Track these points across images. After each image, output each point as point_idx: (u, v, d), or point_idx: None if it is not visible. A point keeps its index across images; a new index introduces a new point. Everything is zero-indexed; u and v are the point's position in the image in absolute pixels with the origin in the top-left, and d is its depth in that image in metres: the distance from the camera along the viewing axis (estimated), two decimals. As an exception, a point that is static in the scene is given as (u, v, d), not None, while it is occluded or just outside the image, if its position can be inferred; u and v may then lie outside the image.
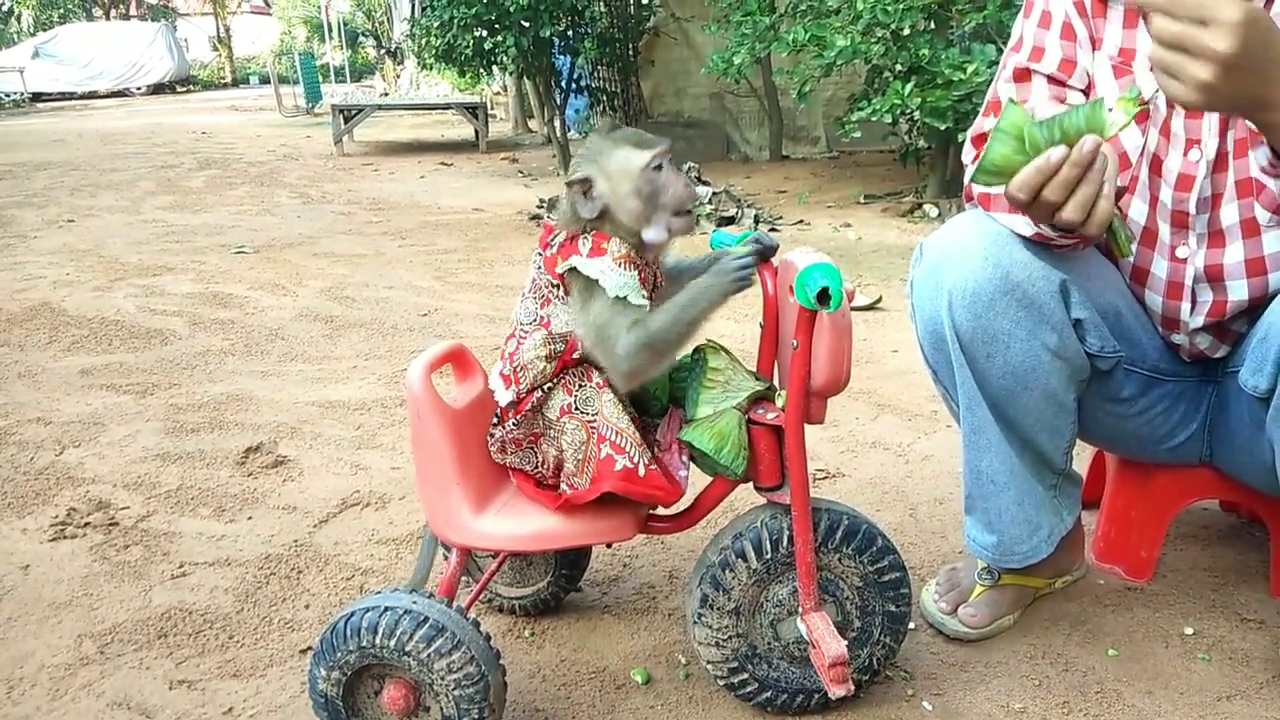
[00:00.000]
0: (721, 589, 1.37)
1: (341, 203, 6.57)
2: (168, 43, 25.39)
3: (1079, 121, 1.13)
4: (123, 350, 3.30)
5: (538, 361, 1.31)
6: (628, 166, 1.27)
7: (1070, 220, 1.17)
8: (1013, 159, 1.15)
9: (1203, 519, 1.95)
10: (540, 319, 1.33)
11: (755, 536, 1.36)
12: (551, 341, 1.31)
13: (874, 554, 1.38)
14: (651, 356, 1.27)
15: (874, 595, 1.40)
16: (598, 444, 1.32)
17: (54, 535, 2.03)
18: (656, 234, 1.29)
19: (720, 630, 1.38)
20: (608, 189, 1.27)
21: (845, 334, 1.26)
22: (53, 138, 12.11)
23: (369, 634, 1.28)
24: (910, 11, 4.69)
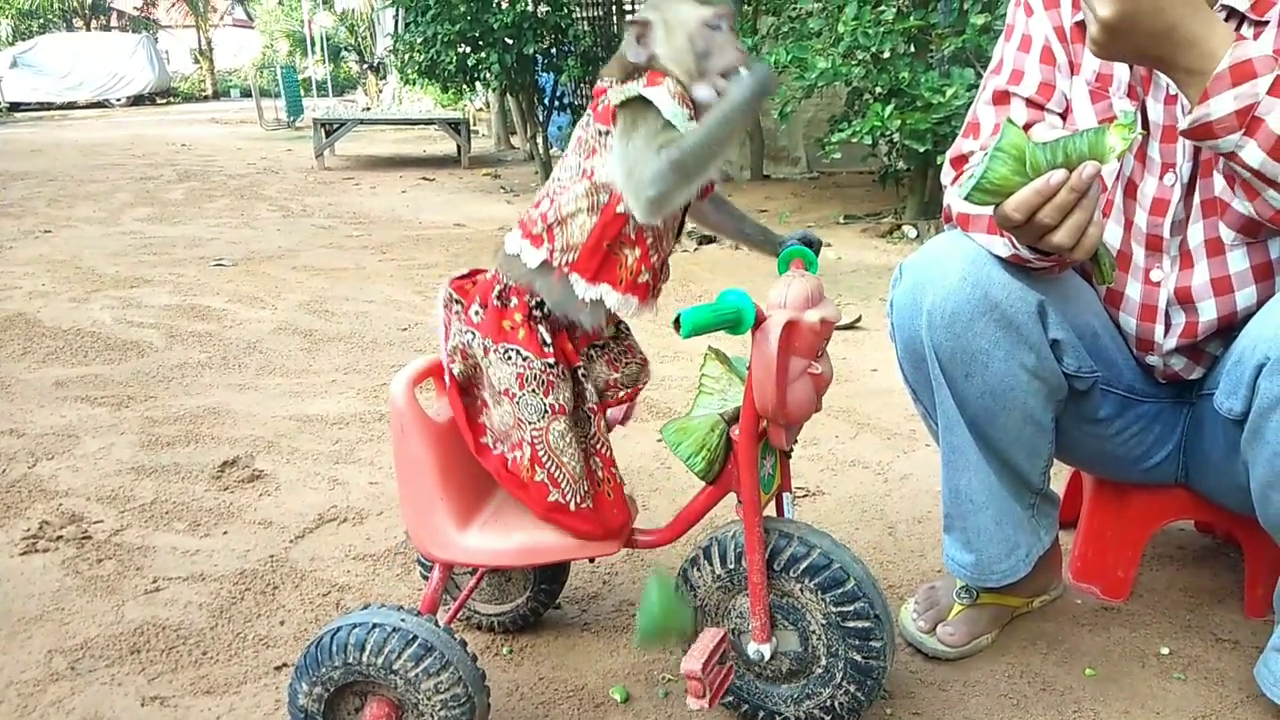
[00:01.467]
0: (689, 584, 1.40)
1: (322, 216, 6.55)
2: (149, 54, 25.31)
3: (1082, 146, 1.14)
4: (99, 362, 3.27)
5: (579, 214, 1.25)
6: (687, 18, 1.25)
7: (1061, 244, 1.18)
8: (1011, 179, 1.16)
9: (1179, 539, 1.97)
10: (584, 171, 1.27)
11: (723, 543, 1.36)
12: (595, 191, 1.25)
13: (840, 595, 1.31)
14: (679, 179, 1.20)
15: (837, 638, 1.33)
16: (532, 463, 1.30)
17: (25, 549, 2.00)
18: (704, 93, 1.26)
19: None
20: (663, 36, 1.25)
21: (765, 367, 1.21)
22: (30, 148, 12.02)
23: (356, 650, 1.26)
24: (890, 35, 4.74)
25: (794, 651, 1.36)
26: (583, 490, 1.32)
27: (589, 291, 1.26)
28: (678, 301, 3.85)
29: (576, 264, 1.26)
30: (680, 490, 2.23)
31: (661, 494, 2.24)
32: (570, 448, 1.30)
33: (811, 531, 1.36)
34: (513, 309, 1.29)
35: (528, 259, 1.28)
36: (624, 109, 1.24)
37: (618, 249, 1.26)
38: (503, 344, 1.28)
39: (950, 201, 1.47)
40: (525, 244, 1.28)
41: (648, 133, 1.21)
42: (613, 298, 1.27)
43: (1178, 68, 1.17)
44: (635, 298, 1.28)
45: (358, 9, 24.27)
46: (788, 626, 1.36)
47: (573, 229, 1.25)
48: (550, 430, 1.29)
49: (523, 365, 1.27)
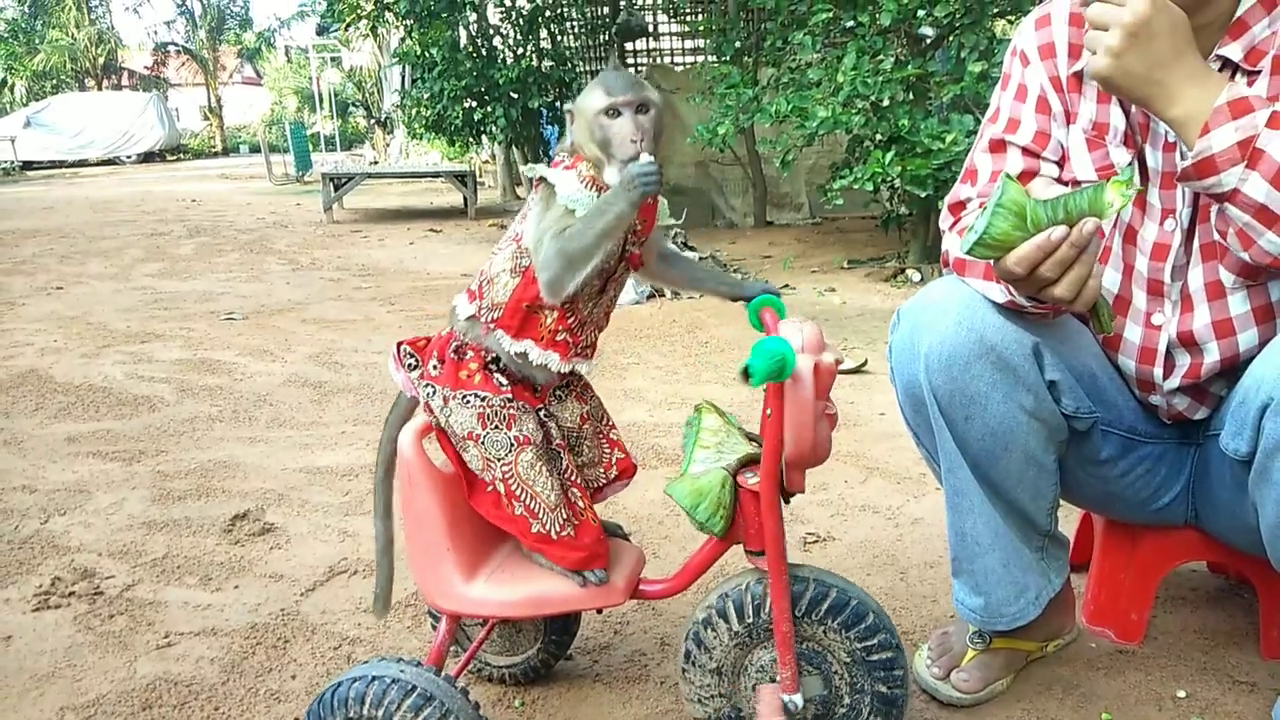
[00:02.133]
0: (703, 647, 1.37)
1: (331, 269, 6.61)
2: (158, 112, 25.69)
3: (1082, 203, 1.17)
4: (110, 417, 3.29)
5: (503, 274, 1.34)
6: (588, 107, 1.31)
7: (1060, 297, 1.22)
8: (1012, 235, 1.19)
9: (1191, 581, 1.96)
10: (515, 235, 1.35)
11: (738, 598, 1.36)
12: (519, 255, 1.33)
13: (863, 630, 1.34)
14: (566, 266, 1.28)
15: (862, 673, 1.36)
16: (509, 498, 1.34)
17: (38, 605, 2.00)
18: (612, 177, 1.31)
19: (703, 688, 1.38)
20: (576, 125, 1.33)
21: (805, 409, 1.23)
22: (43, 205, 12.18)
23: (356, 704, 1.28)
24: (889, 84, 4.82)
25: (818, 696, 1.36)
26: (561, 518, 1.36)
27: (514, 346, 1.34)
28: (685, 349, 3.87)
29: (500, 320, 1.34)
30: (690, 537, 2.23)
31: (671, 541, 2.23)
32: (541, 477, 1.34)
33: (822, 573, 1.38)
34: (468, 360, 1.36)
35: (460, 310, 1.37)
36: (542, 185, 1.33)
37: (536, 309, 1.34)
38: (460, 390, 1.34)
39: (948, 247, 1.49)
40: (463, 297, 1.38)
41: (553, 215, 1.30)
42: (535, 353, 1.35)
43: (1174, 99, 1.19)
44: (556, 353, 1.36)
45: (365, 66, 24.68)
46: (810, 671, 1.37)
47: (497, 288, 1.34)
48: (519, 463, 1.33)
49: (481, 405, 1.33)
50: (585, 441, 1.48)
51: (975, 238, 1.20)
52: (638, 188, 1.25)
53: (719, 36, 6.90)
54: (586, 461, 1.48)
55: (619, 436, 1.53)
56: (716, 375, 3.62)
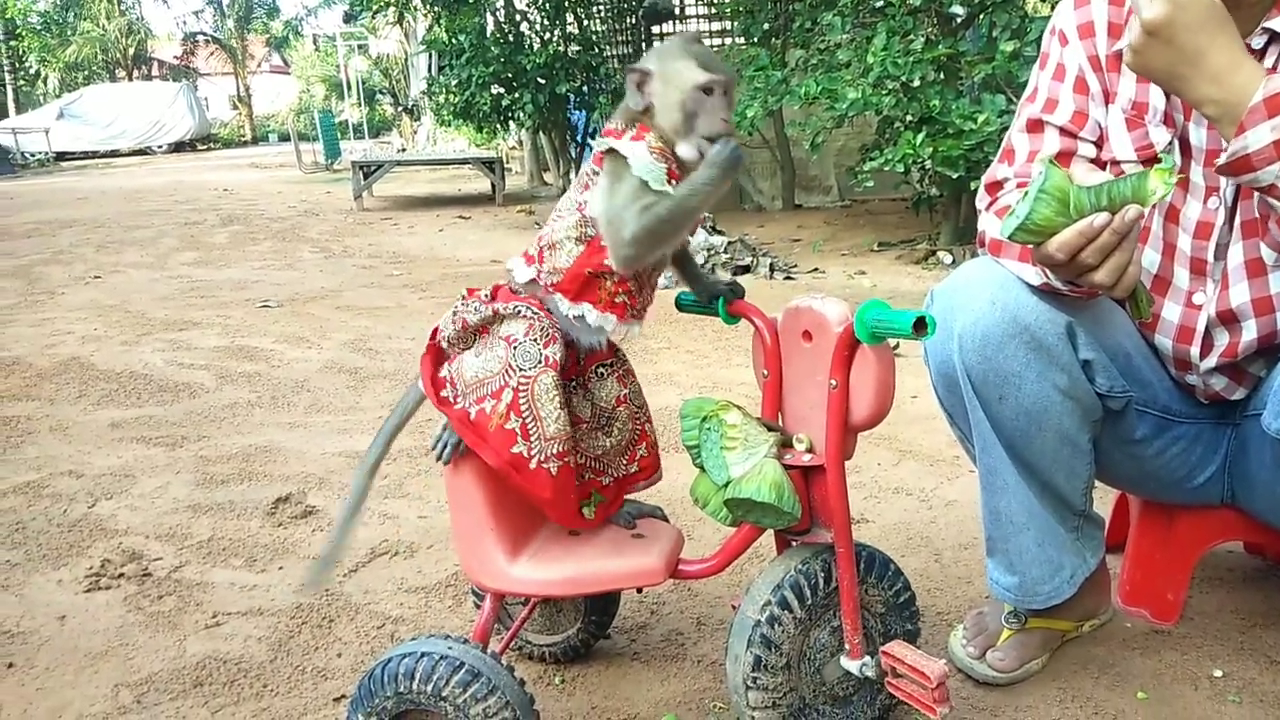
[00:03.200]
0: (773, 647, 1.34)
1: (362, 256, 6.67)
2: (189, 102, 25.96)
3: (1125, 190, 1.18)
4: (152, 403, 3.36)
5: (567, 241, 1.35)
6: (681, 78, 1.31)
7: (1100, 283, 1.22)
8: (1054, 220, 1.20)
9: (1228, 561, 1.96)
10: (578, 204, 1.36)
11: (795, 584, 1.36)
12: (584, 225, 1.34)
13: (890, 578, 1.43)
14: (653, 241, 1.30)
15: (894, 618, 1.45)
16: (509, 409, 1.32)
17: (89, 586, 2.06)
18: (687, 151, 1.32)
19: (776, 690, 1.36)
20: (659, 90, 1.32)
21: (890, 365, 1.30)
22: (77, 196, 12.35)
23: (406, 679, 1.30)
24: (920, 64, 4.78)
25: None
26: (550, 451, 1.33)
27: (571, 309, 1.36)
28: (715, 333, 3.87)
29: (559, 285, 1.36)
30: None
31: (706, 523, 2.26)
32: (551, 404, 1.33)
33: None
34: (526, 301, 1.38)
35: (518, 275, 1.39)
36: (609, 156, 1.33)
37: (598, 275, 1.35)
38: (514, 303, 1.36)
39: (984, 227, 1.50)
40: (520, 262, 1.40)
41: (627, 188, 1.30)
42: (593, 315, 1.36)
43: (1199, 96, 1.20)
44: (614, 315, 1.37)
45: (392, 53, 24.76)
46: None
47: (560, 255, 1.35)
48: (537, 381, 1.32)
49: (532, 317, 1.35)
50: (616, 424, 1.48)
51: (1017, 223, 1.21)
52: (730, 168, 1.28)
53: (747, 18, 6.87)
54: (613, 445, 1.48)
55: (652, 432, 1.53)
56: (746, 359, 3.63)
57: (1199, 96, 1.21)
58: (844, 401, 1.29)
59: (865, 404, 1.29)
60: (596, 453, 1.48)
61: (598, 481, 1.48)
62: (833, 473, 1.32)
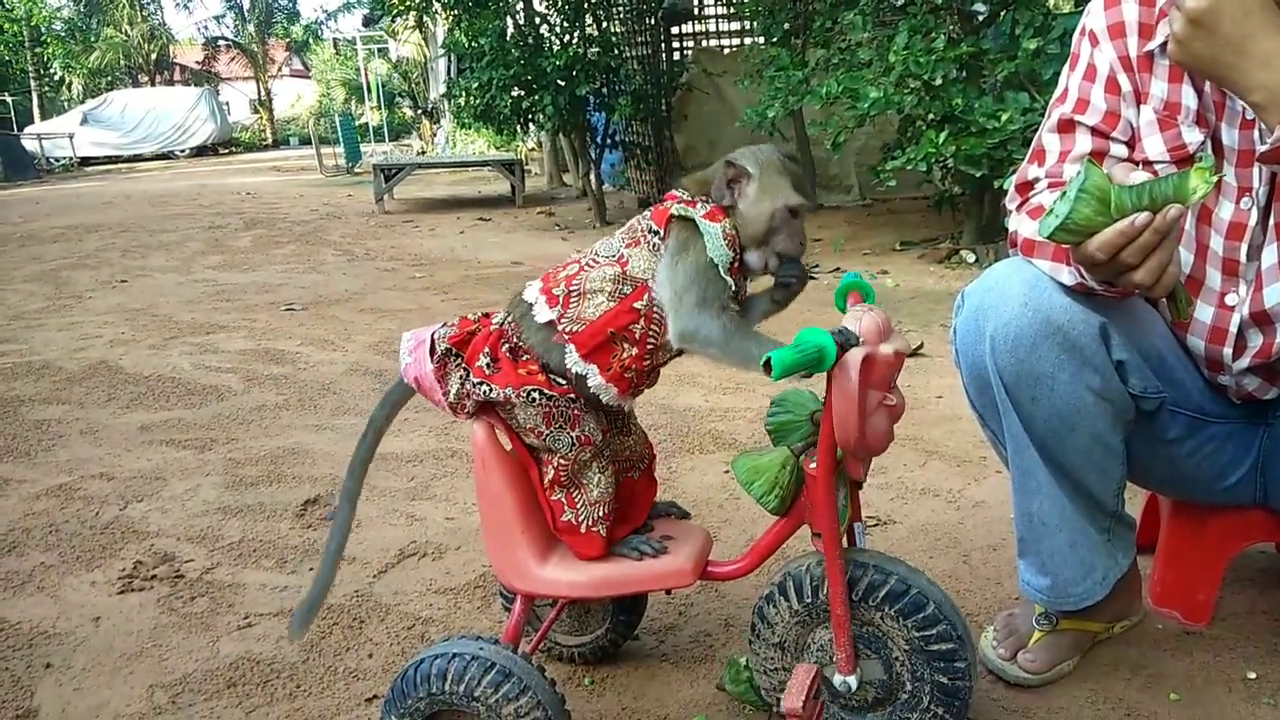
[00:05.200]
0: (766, 622, 1.41)
1: (385, 259, 6.71)
2: (210, 106, 26.13)
3: (1166, 190, 1.17)
4: (180, 406, 3.39)
5: (599, 294, 1.33)
6: (778, 193, 1.33)
7: (1140, 283, 1.22)
8: (1095, 220, 1.19)
9: (1260, 563, 1.94)
10: (620, 257, 1.35)
11: (798, 578, 1.38)
12: (622, 280, 1.33)
13: (921, 620, 1.33)
14: (710, 352, 1.31)
15: (921, 663, 1.35)
16: (553, 483, 1.38)
17: (122, 588, 2.09)
18: (756, 260, 1.35)
19: (767, 660, 1.43)
20: (753, 195, 1.34)
21: (848, 400, 1.22)
22: (102, 200, 12.48)
23: (438, 680, 1.32)
24: (942, 62, 4.76)
25: (878, 680, 1.38)
26: (597, 515, 1.39)
27: (577, 365, 1.34)
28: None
29: (577, 336, 1.34)
30: (750, 521, 2.25)
31: (732, 525, 2.26)
32: (592, 473, 1.38)
33: (886, 559, 1.38)
34: (525, 362, 1.37)
35: (538, 314, 1.36)
36: (678, 223, 1.33)
37: (618, 340, 1.34)
38: (524, 387, 1.34)
39: (1016, 227, 1.49)
40: (541, 300, 1.37)
41: (695, 263, 1.30)
42: (595, 380, 1.35)
43: (1248, 84, 1.19)
44: (615, 388, 1.36)
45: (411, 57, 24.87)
46: (871, 655, 1.38)
47: (588, 305, 1.34)
48: (576, 460, 1.37)
49: (548, 404, 1.34)
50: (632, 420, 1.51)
51: (1057, 222, 1.20)
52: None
53: (767, 18, 6.85)
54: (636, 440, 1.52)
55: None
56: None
57: (1247, 84, 1.20)
58: (829, 419, 1.26)
59: (837, 429, 1.25)
60: (625, 454, 1.50)
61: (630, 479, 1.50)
62: (819, 482, 1.31)
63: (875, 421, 1.26)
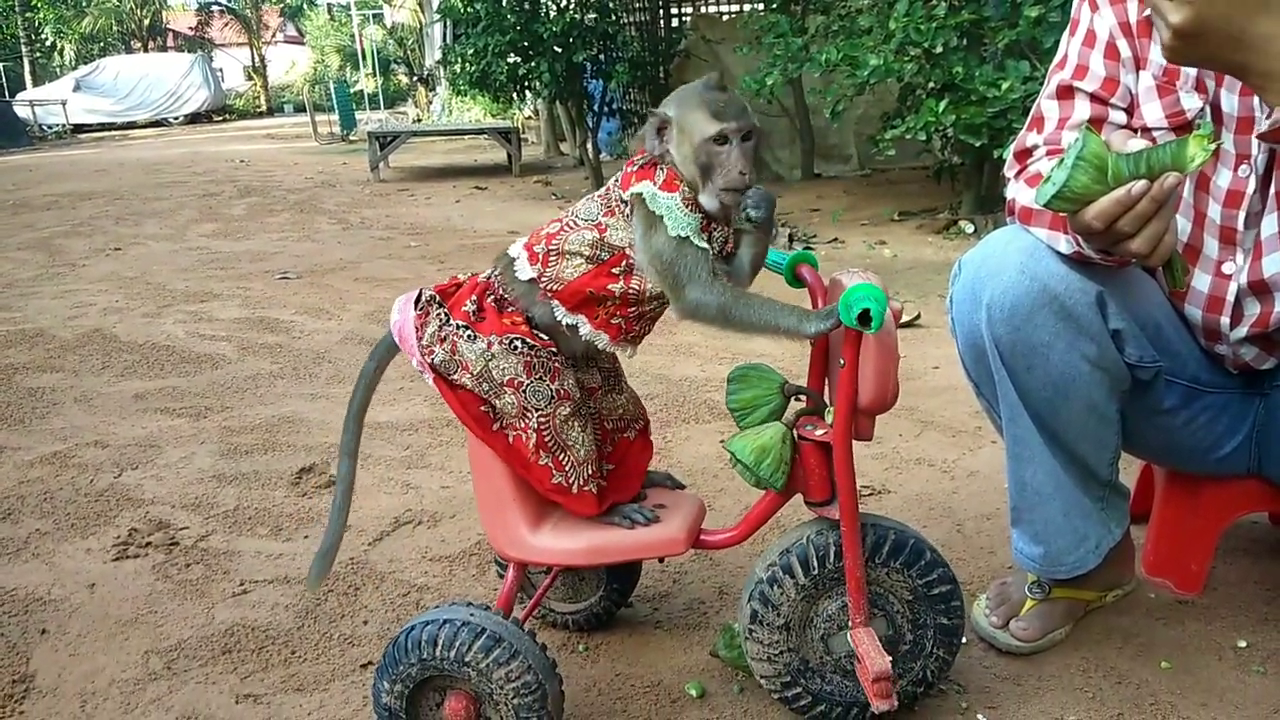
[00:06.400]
0: (770, 605, 1.38)
1: (380, 228, 6.68)
2: (204, 73, 25.91)
3: (1164, 157, 1.16)
4: (174, 375, 3.38)
5: (578, 256, 1.32)
6: (694, 129, 1.28)
7: (1137, 251, 1.20)
8: (1092, 188, 1.18)
9: (1253, 533, 1.95)
10: (599, 224, 1.33)
11: (802, 552, 1.37)
12: (599, 246, 1.32)
13: (923, 567, 1.38)
14: (716, 322, 1.29)
15: (925, 608, 1.40)
16: (537, 447, 1.35)
17: (117, 555, 2.09)
18: (708, 202, 1.31)
19: (771, 645, 1.39)
20: (675, 139, 1.30)
21: (890, 353, 1.27)
22: (95, 168, 12.40)
23: (429, 646, 1.32)
24: (943, 30, 4.71)
25: (884, 636, 1.39)
26: (586, 474, 1.38)
27: (567, 317, 1.35)
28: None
29: (559, 294, 1.34)
30: (745, 490, 2.25)
31: (726, 494, 2.26)
32: (575, 431, 1.37)
33: (877, 517, 1.41)
34: (511, 313, 1.36)
35: (520, 270, 1.36)
36: (638, 201, 1.31)
37: (599, 300, 1.34)
38: (507, 335, 1.33)
39: (1014, 195, 1.48)
40: (524, 255, 1.36)
41: (664, 240, 1.28)
42: (586, 328, 1.35)
43: (1252, 71, 1.17)
44: (606, 334, 1.36)
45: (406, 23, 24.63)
46: (875, 613, 1.40)
47: (566, 267, 1.33)
48: (556, 415, 1.35)
49: (529, 354, 1.33)
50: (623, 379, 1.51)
51: (1054, 190, 1.19)
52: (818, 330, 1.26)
53: (765, -15, 6.80)
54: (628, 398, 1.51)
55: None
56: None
57: (1251, 73, 1.18)
58: (851, 381, 1.28)
59: (866, 388, 1.28)
60: (618, 412, 1.49)
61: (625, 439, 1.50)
62: (839, 450, 1.32)
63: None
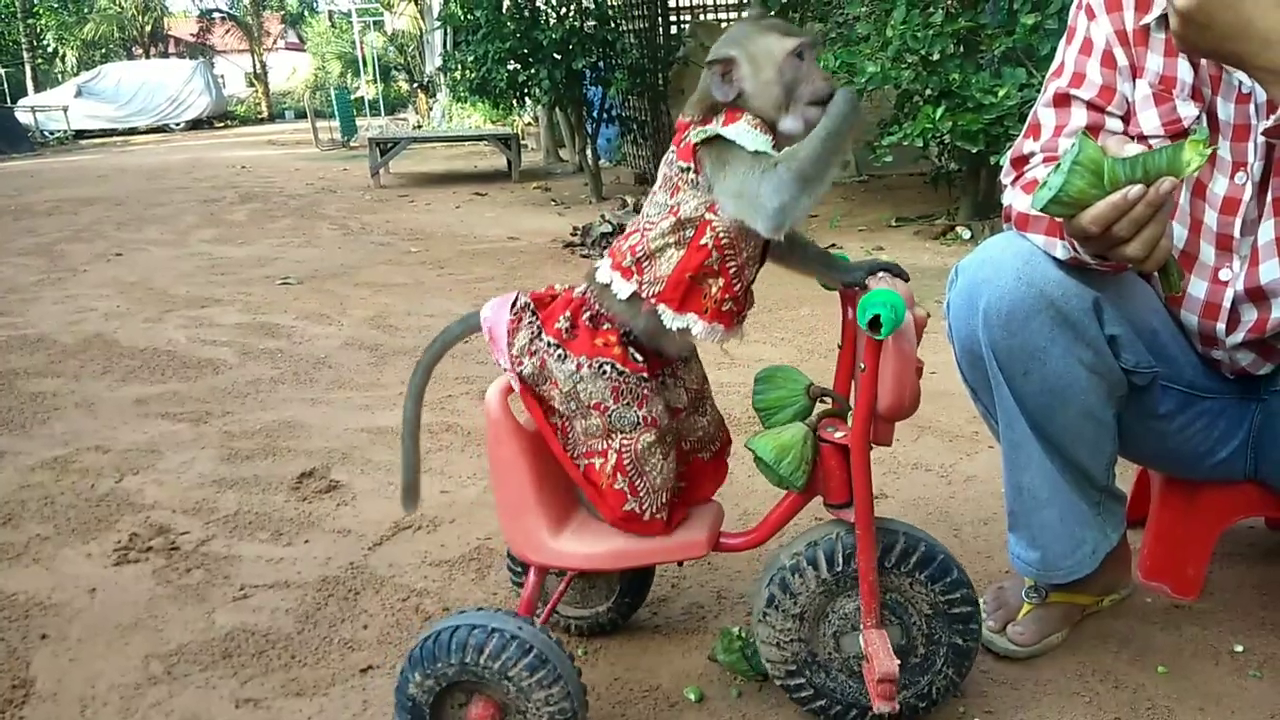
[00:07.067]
0: (789, 592, 1.39)
1: (380, 233, 6.69)
2: (205, 79, 25.92)
3: (1160, 162, 1.16)
4: (175, 380, 3.39)
5: (667, 248, 1.29)
6: (771, 51, 1.26)
7: (1132, 256, 1.21)
8: (1089, 193, 1.18)
9: (1249, 537, 1.96)
10: (670, 208, 1.30)
11: (829, 547, 1.38)
12: (681, 227, 1.28)
13: (947, 584, 1.38)
14: (801, 188, 1.22)
15: (942, 625, 1.40)
16: (615, 470, 1.34)
17: (118, 560, 2.09)
18: (793, 124, 1.27)
19: (783, 632, 1.40)
20: (749, 72, 1.26)
21: (908, 360, 1.27)
22: (97, 174, 12.41)
23: (474, 652, 1.30)
24: (940, 37, 4.74)
25: (896, 645, 1.39)
26: (660, 502, 1.37)
27: (676, 321, 1.30)
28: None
29: (662, 294, 1.30)
30: (760, 491, 2.25)
31: (745, 495, 2.26)
32: (655, 459, 1.35)
33: (910, 527, 1.41)
34: (605, 331, 1.33)
35: (618, 290, 1.32)
36: (706, 147, 1.27)
37: (701, 280, 1.30)
38: (597, 359, 1.31)
39: (1010, 201, 1.49)
40: (616, 275, 1.32)
41: (741, 165, 1.24)
42: (699, 326, 1.31)
43: (1256, 65, 1.18)
44: (721, 325, 1.32)
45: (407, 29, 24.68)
46: (891, 620, 1.40)
47: (660, 263, 1.30)
48: (640, 441, 1.33)
49: (618, 379, 1.31)
50: (707, 401, 1.49)
51: (1050, 195, 1.19)
52: (853, 113, 1.22)
53: (764, -8, 6.81)
54: (710, 421, 1.49)
55: None
56: (789, 335, 3.64)
57: (1255, 65, 1.19)
58: (871, 386, 1.29)
59: (884, 394, 1.29)
60: (697, 434, 1.48)
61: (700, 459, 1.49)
62: (855, 454, 1.32)
63: (915, 383, 1.30)
